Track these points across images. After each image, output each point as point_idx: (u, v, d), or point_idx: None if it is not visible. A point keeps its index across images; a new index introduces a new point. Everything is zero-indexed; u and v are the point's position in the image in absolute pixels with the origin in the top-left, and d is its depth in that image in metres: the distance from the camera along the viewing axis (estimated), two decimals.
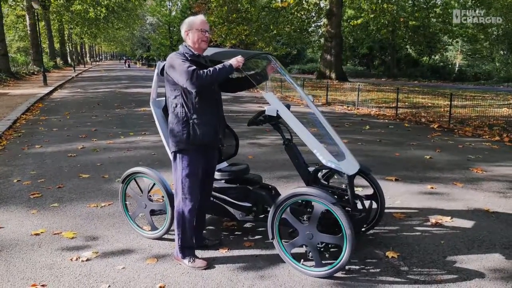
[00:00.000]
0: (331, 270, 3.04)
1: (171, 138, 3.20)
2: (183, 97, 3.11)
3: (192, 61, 3.06)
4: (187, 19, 3.25)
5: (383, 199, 3.69)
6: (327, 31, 28.02)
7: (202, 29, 3.15)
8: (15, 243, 3.74)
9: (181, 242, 3.30)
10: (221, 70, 3.01)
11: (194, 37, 3.16)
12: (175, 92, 3.14)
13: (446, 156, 7.04)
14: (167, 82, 3.18)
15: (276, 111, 3.26)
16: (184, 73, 2.95)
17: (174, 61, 3.05)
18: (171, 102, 3.18)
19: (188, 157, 3.18)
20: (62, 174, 5.91)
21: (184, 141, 3.14)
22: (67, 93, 18.96)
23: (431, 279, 3.10)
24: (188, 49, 3.17)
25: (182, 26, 3.24)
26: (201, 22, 3.16)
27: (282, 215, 3.19)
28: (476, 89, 24.34)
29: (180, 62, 3.02)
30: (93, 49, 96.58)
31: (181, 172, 3.19)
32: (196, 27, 3.15)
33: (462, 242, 3.71)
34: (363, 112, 12.94)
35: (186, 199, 3.23)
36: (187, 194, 3.22)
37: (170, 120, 3.20)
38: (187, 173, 3.19)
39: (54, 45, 46.73)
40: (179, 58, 3.05)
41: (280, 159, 6.69)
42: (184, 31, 3.19)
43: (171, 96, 3.17)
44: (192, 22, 3.17)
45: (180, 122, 3.13)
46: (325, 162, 3.21)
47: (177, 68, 3.01)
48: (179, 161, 3.20)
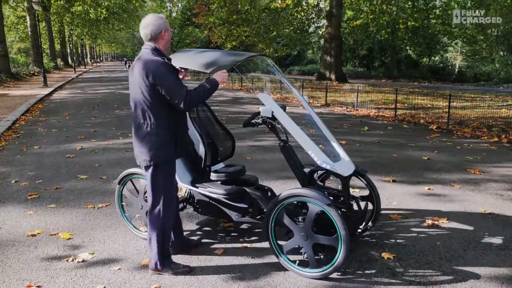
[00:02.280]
0: (326, 271, 3.04)
1: (156, 149, 2.98)
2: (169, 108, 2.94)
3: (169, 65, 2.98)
4: (156, 16, 3.03)
5: (379, 200, 3.69)
6: (327, 32, 28.02)
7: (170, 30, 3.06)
8: (11, 243, 3.75)
9: (161, 253, 3.15)
10: (209, 90, 2.97)
11: (168, 38, 3.04)
12: (159, 99, 2.91)
13: (444, 157, 7.04)
14: (145, 88, 2.89)
15: (271, 112, 3.26)
16: (178, 95, 2.83)
17: (162, 72, 2.85)
18: (151, 112, 2.94)
19: (170, 167, 3.12)
20: (60, 175, 5.92)
21: (172, 152, 3.05)
22: (67, 94, 18.98)
23: (426, 280, 3.10)
24: (162, 53, 3.01)
25: (154, 24, 2.97)
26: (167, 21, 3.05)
27: (278, 216, 3.19)
28: (475, 90, 24.32)
29: (173, 78, 2.87)
30: (93, 50, 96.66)
31: (162, 182, 3.07)
32: (169, 27, 3.04)
33: (458, 243, 3.71)
34: (362, 113, 12.93)
35: (168, 208, 3.13)
36: (168, 202, 3.13)
37: (151, 131, 2.96)
38: (168, 183, 3.12)
39: (54, 46, 46.75)
40: (167, 70, 2.88)
41: (278, 160, 6.69)
42: (162, 29, 2.98)
43: (153, 106, 2.92)
44: (166, 21, 3.01)
45: (168, 132, 2.99)
46: (320, 163, 3.22)
47: (167, 83, 2.84)
48: (161, 171, 3.04)
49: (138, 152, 3.06)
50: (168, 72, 2.88)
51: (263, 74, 23.65)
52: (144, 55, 2.97)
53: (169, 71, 2.89)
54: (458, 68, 41.43)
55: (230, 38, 32.26)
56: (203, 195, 3.71)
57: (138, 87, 2.92)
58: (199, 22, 38.11)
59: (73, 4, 37.98)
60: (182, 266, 3.25)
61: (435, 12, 29.96)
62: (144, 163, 3.03)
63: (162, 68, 2.86)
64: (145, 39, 3.03)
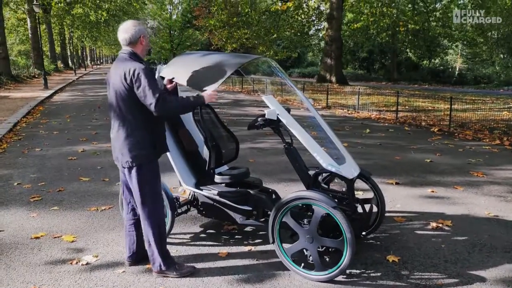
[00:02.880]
0: (332, 274, 3.03)
1: (137, 151, 2.99)
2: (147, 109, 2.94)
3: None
4: (134, 22, 3.08)
5: (383, 203, 3.68)
6: (328, 35, 28.05)
7: (147, 36, 3.14)
8: (15, 246, 3.74)
9: (162, 253, 3.14)
10: (190, 104, 3.04)
11: (147, 44, 3.10)
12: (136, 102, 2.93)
13: (446, 159, 7.03)
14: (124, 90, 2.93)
15: (277, 114, 3.26)
16: (150, 97, 2.84)
17: (139, 74, 2.87)
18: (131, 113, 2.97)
19: (154, 166, 3.12)
20: (62, 177, 5.91)
21: (152, 152, 3.06)
22: (67, 96, 18.98)
23: (432, 283, 3.09)
24: (140, 57, 3.06)
25: (133, 30, 3.01)
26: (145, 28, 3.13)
27: (283, 219, 3.18)
28: (476, 92, 24.34)
29: (148, 81, 2.86)
30: (94, 52, 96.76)
31: (148, 182, 3.07)
32: (147, 34, 3.10)
33: (463, 246, 3.70)
34: (363, 116, 12.94)
35: (158, 207, 3.14)
36: (157, 202, 3.14)
37: (131, 132, 2.99)
38: (154, 183, 3.12)
39: (55, 48, 46.80)
40: (144, 73, 2.88)
41: (281, 162, 6.68)
42: (140, 35, 3.03)
43: (132, 107, 2.96)
44: (144, 27, 3.07)
45: (147, 133, 3.02)
46: (325, 165, 3.22)
47: (142, 85, 2.86)
48: (148, 171, 3.06)
49: (119, 154, 3.08)
50: (145, 75, 2.89)
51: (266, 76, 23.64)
52: (121, 59, 3.03)
53: (145, 74, 2.90)
54: (459, 71, 41.44)
55: (230, 40, 32.32)
56: (207, 197, 3.71)
57: (116, 90, 2.97)
58: (199, 24, 38.17)
59: (73, 6, 38.04)
60: (186, 266, 3.25)
61: (435, 15, 30.05)
62: (127, 164, 3.04)
63: (139, 71, 2.89)
64: (123, 44, 3.06)
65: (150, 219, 3.11)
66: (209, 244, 3.77)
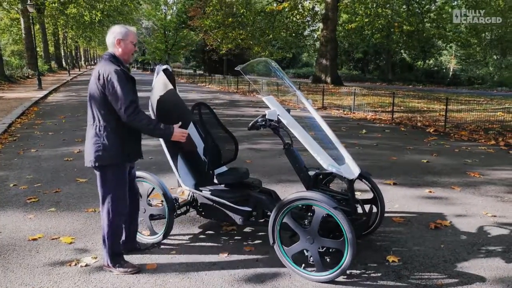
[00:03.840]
0: (333, 274, 3.03)
1: (101, 151, 3.03)
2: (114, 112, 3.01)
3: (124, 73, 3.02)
4: (118, 26, 3.14)
5: (383, 203, 3.69)
6: (323, 36, 28.14)
7: (135, 43, 3.16)
8: (12, 248, 3.70)
9: (111, 250, 3.24)
10: (158, 133, 3.10)
11: (127, 48, 3.11)
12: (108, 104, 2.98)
13: (443, 160, 7.06)
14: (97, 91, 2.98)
15: (277, 115, 3.25)
16: (122, 103, 2.91)
17: (112, 78, 2.91)
18: (100, 114, 3.02)
19: (120, 168, 3.14)
20: (59, 178, 5.87)
21: (120, 155, 3.09)
22: (62, 97, 18.88)
23: (432, 283, 3.10)
24: (121, 61, 3.10)
25: (113, 33, 3.09)
26: (135, 35, 3.16)
27: (283, 220, 3.18)
28: (470, 93, 24.53)
29: (122, 86, 2.91)
30: (87, 52, 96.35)
31: (112, 183, 3.12)
32: (131, 39, 3.11)
33: (462, 246, 3.71)
34: (359, 116, 12.97)
35: (116, 208, 3.17)
36: (117, 203, 3.17)
37: (99, 133, 3.03)
38: (116, 184, 3.14)
39: (48, 48, 46.55)
40: (118, 77, 2.92)
41: (278, 163, 6.69)
42: (116, 39, 3.06)
43: (102, 109, 3.01)
44: (127, 33, 3.09)
45: (116, 136, 3.05)
46: (326, 166, 3.22)
47: (114, 90, 2.91)
48: (110, 173, 3.10)
49: (87, 152, 3.12)
50: (119, 79, 2.93)
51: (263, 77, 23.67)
52: (101, 60, 3.11)
53: (120, 79, 2.93)
54: (453, 72, 41.74)
55: (225, 40, 32.38)
56: (207, 198, 3.69)
57: (90, 89, 3.03)
58: (194, 25, 38.15)
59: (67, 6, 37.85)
60: (131, 265, 3.29)
61: (430, 16, 30.21)
62: (90, 163, 3.09)
63: (113, 75, 2.93)
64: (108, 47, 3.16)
65: (107, 219, 3.20)
66: (208, 245, 3.76)
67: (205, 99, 17.82)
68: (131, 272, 3.24)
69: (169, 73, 3.63)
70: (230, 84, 27.32)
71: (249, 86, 24.50)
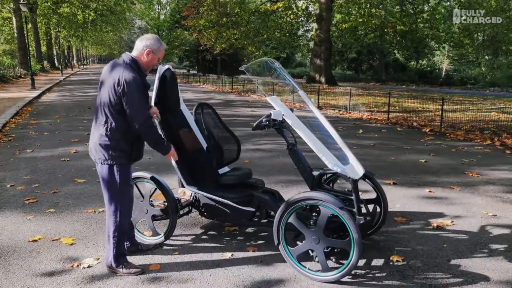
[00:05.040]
0: (338, 274, 3.03)
1: (110, 150, 3.07)
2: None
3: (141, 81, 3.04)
4: (154, 37, 3.16)
5: (386, 203, 3.69)
6: (317, 36, 28.17)
7: (160, 58, 3.20)
8: (12, 249, 3.66)
9: (116, 250, 3.23)
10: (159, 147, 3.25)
11: (152, 61, 3.14)
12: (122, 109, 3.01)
13: (440, 160, 7.09)
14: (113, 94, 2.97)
15: (282, 115, 3.24)
16: (136, 115, 2.99)
17: (132, 87, 2.94)
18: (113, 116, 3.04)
19: (124, 169, 3.15)
20: (56, 179, 5.81)
21: (125, 157, 3.12)
22: (56, 97, 18.73)
23: (437, 282, 3.10)
24: (141, 68, 3.11)
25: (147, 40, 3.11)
26: (163, 51, 3.21)
27: (288, 220, 3.17)
28: (463, 93, 24.69)
29: (139, 97, 2.97)
30: (80, 52, 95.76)
31: (119, 182, 3.13)
32: (159, 55, 3.15)
33: (464, 246, 3.73)
34: (355, 116, 13.01)
35: (122, 207, 3.18)
36: (123, 202, 3.18)
37: (109, 133, 3.05)
38: (122, 183, 3.14)
39: (41, 48, 46.16)
40: (137, 88, 2.96)
41: (277, 163, 6.68)
42: (148, 49, 3.08)
43: (117, 112, 3.02)
44: (160, 49, 3.15)
45: (126, 137, 3.09)
46: (331, 166, 3.21)
47: (131, 101, 2.96)
48: (116, 172, 3.11)
49: (94, 149, 3.15)
50: (138, 90, 2.98)
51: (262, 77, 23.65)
52: (121, 63, 3.07)
53: (138, 90, 2.98)
54: (445, 72, 41.99)
55: (219, 40, 32.30)
56: (210, 198, 3.67)
57: (108, 92, 3.00)
58: (188, 24, 38.03)
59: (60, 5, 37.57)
60: (134, 267, 3.27)
61: (423, 16, 30.37)
62: (99, 161, 3.12)
63: (133, 84, 2.95)
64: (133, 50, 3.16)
65: (113, 217, 3.20)
66: (211, 246, 3.74)
67: (200, 99, 17.78)
68: (135, 274, 3.21)
69: (171, 73, 3.62)
70: (225, 84, 27.27)
71: (244, 86, 24.48)
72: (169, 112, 3.65)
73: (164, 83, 3.54)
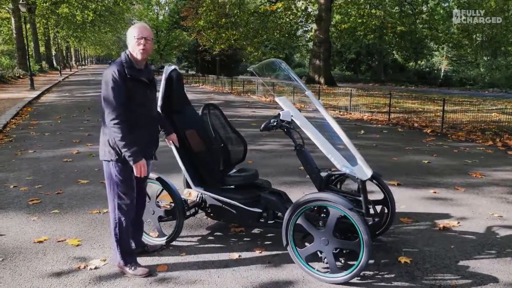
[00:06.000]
0: (348, 276, 3.01)
1: (108, 147, 3.05)
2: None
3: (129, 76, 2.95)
4: (133, 26, 3.11)
5: (393, 204, 3.68)
6: (316, 36, 28.19)
7: (138, 37, 2.97)
8: (18, 251, 3.64)
9: (120, 248, 3.23)
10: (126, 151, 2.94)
11: (136, 46, 3.00)
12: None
13: (443, 160, 7.09)
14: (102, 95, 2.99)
15: (291, 116, 3.23)
16: (109, 110, 2.91)
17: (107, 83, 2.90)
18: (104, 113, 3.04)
19: (121, 166, 3.09)
20: (59, 179, 5.79)
21: (118, 154, 3.05)
22: (55, 97, 18.70)
23: (446, 284, 3.09)
24: (128, 61, 3.01)
25: (128, 33, 3.09)
26: (139, 28, 3.00)
27: (297, 221, 3.15)
28: (462, 94, 24.70)
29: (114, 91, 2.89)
30: (78, 52, 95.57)
31: (117, 180, 3.11)
32: (134, 34, 2.99)
33: (472, 247, 3.72)
34: (355, 117, 13.01)
35: (122, 205, 3.16)
36: (123, 199, 3.15)
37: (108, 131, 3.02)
38: (122, 180, 3.11)
39: (39, 48, 46.07)
40: (114, 83, 2.89)
41: (280, 164, 6.67)
42: (129, 39, 3.04)
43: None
44: (130, 30, 3.04)
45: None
46: (339, 167, 3.20)
47: (108, 97, 2.90)
48: (114, 169, 3.09)
49: (100, 146, 3.18)
50: (114, 85, 2.89)
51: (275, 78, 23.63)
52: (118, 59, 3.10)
53: (114, 85, 2.89)
54: (444, 72, 42.05)
55: (218, 41, 32.28)
56: (216, 199, 3.66)
57: (102, 90, 3.03)
58: (187, 25, 38.02)
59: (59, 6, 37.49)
60: (142, 268, 3.25)
61: (422, 17, 30.41)
62: (101, 157, 3.16)
63: (109, 79, 2.90)
64: None
65: (113, 214, 3.20)
66: (218, 247, 3.72)
67: (200, 100, 17.76)
68: (142, 276, 3.20)
69: (177, 73, 3.61)
70: (224, 84, 27.25)
71: (243, 86, 24.47)
72: (176, 113, 3.64)
73: (171, 84, 3.54)
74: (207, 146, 3.78)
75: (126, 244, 3.28)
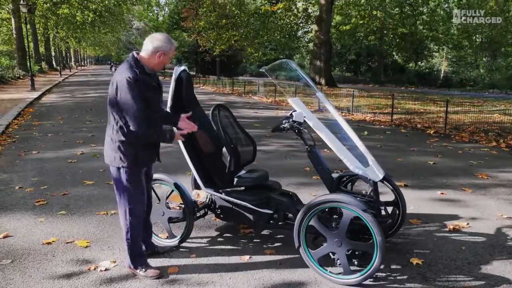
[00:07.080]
0: (361, 277, 3.00)
1: (119, 153, 3.01)
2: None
3: (142, 81, 2.91)
4: (163, 37, 3.02)
5: (404, 205, 3.67)
6: (317, 37, 28.18)
7: (171, 58, 3.09)
8: (27, 252, 3.61)
9: (131, 252, 3.21)
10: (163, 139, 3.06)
11: (162, 61, 3.02)
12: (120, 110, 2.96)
13: (448, 162, 7.08)
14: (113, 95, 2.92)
15: (303, 117, 3.22)
16: (130, 118, 2.87)
17: (125, 90, 2.84)
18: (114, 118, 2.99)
19: (130, 172, 3.06)
20: (65, 180, 5.77)
21: (128, 160, 3.02)
22: (56, 98, 18.66)
23: (459, 285, 3.08)
24: (141, 66, 2.98)
25: (157, 41, 2.97)
26: (174, 50, 3.05)
27: (309, 222, 3.14)
28: (462, 95, 24.71)
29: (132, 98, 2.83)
30: (78, 53, 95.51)
31: (126, 185, 3.08)
32: (170, 55, 3.02)
33: (483, 248, 3.71)
34: (358, 118, 13.00)
35: (133, 209, 3.12)
36: (133, 204, 3.12)
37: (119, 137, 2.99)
38: (131, 186, 3.08)
39: (39, 49, 46.01)
40: (131, 89, 2.83)
41: (285, 165, 6.65)
42: (160, 52, 2.96)
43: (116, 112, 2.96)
44: (170, 48, 3.00)
45: (129, 141, 2.99)
46: (352, 168, 3.19)
47: (128, 105, 2.85)
48: (123, 175, 3.06)
49: (105, 150, 3.12)
50: (131, 92, 2.83)
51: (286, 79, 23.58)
52: (125, 62, 3.03)
53: (132, 91, 2.84)
54: (444, 74, 42.07)
55: (219, 42, 32.25)
56: (226, 200, 3.64)
57: (109, 91, 2.98)
58: (187, 26, 37.99)
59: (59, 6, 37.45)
60: (154, 269, 3.23)
61: (423, 18, 30.44)
62: (108, 162, 3.11)
63: (125, 85, 2.84)
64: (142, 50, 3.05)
65: (124, 219, 3.16)
66: (228, 249, 3.70)
67: (202, 101, 17.63)
68: (153, 277, 3.18)
69: (187, 74, 3.59)
70: (225, 85, 27.25)
71: (244, 87, 24.47)
72: (185, 113, 3.61)
73: (181, 84, 3.52)
74: (217, 147, 3.77)
75: (138, 247, 3.26)
